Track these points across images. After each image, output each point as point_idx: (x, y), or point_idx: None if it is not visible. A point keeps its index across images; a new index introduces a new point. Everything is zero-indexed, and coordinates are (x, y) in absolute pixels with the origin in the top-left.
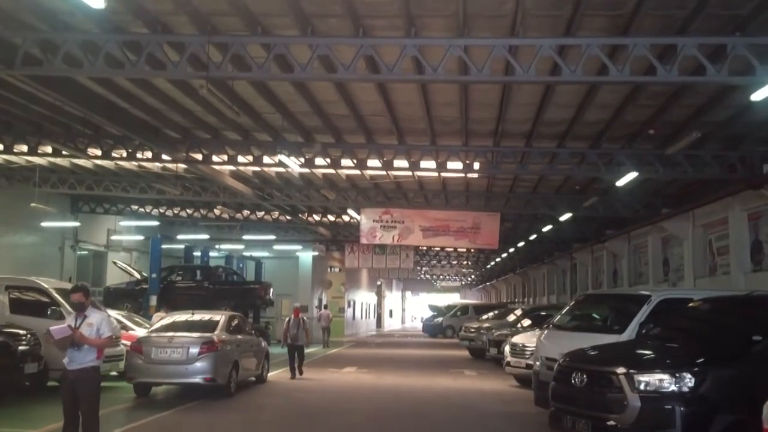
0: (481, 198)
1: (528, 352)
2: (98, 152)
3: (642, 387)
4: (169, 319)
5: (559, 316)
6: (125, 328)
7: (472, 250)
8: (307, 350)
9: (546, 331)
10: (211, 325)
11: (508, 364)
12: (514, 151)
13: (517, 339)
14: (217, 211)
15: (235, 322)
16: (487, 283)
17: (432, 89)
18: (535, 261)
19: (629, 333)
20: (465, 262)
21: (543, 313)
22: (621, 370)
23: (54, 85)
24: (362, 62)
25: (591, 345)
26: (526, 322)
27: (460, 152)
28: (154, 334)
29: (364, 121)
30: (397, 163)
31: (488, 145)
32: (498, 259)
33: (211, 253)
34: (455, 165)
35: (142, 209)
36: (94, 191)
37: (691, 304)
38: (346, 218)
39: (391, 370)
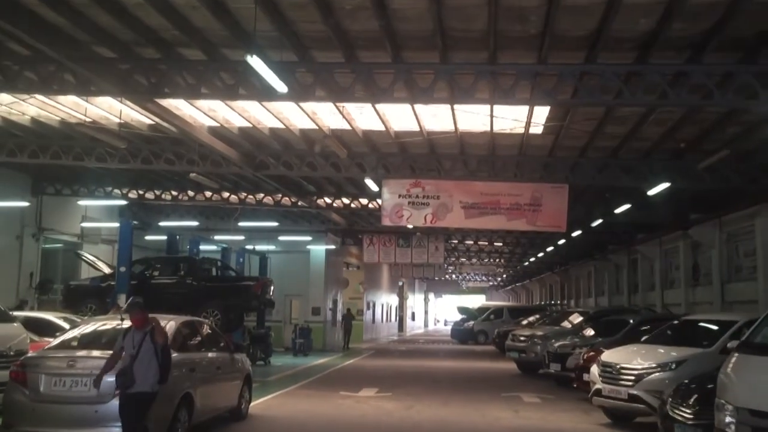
0: (539, 166)
1: (628, 378)
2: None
3: None
4: (81, 329)
5: (759, 329)
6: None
7: (509, 243)
8: (319, 361)
9: (736, 357)
10: None
11: (599, 393)
12: (616, 72)
13: (610, 357)
14: (207, 193)
15: (195, 332)
16: (518, 284)
17: None
18: (582, 256)
19: None
20: (498, 260)
21: (612, 318)
22: None
23: None
24: None
25: None
26: (589, 332)
27: (536, 75)
28: (50, 353)
29: (390, 19)
30: (437, 94)
31: (578, 62)
32: (541, 254)
33: (204, 246)
34: (523, 95)
35: (117, 190)
36: (40, 159)
37: None
38: (363, 201)
39: (424, 393)
